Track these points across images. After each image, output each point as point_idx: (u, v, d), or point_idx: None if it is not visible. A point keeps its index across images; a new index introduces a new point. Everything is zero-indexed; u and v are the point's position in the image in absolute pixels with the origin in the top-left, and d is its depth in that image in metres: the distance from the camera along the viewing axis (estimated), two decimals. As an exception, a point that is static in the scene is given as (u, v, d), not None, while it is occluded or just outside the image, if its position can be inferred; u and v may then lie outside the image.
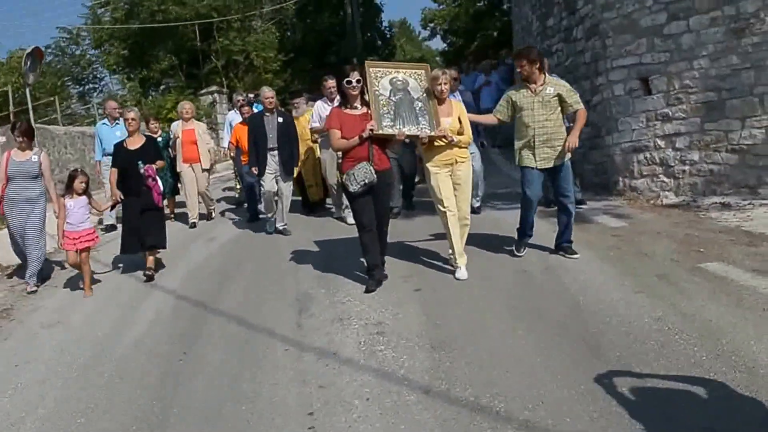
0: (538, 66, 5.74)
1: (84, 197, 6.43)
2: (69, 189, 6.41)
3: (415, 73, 5.77)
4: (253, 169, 7.95)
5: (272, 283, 6.05)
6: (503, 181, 10.41)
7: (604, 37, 8.82)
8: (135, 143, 6.89)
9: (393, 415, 3.33)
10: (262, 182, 8.02)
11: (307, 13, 27.27)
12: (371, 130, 5.29)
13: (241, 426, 3.38)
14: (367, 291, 5.38)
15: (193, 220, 9.39)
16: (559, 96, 5.73)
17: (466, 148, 5.78)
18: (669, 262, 5.49)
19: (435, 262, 6.07)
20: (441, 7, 28.41)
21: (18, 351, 4.92)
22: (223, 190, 12.70)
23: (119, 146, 7.01)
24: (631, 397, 3.25)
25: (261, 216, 8.76)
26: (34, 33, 60.71)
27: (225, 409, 3.59)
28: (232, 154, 10.03)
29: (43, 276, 6.95)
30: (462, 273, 5.59)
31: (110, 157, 9.13)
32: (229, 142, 9.87)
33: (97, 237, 6.64)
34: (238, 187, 10.80)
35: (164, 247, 6.94)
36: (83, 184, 6.41)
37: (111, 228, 9.24)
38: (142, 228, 6.65)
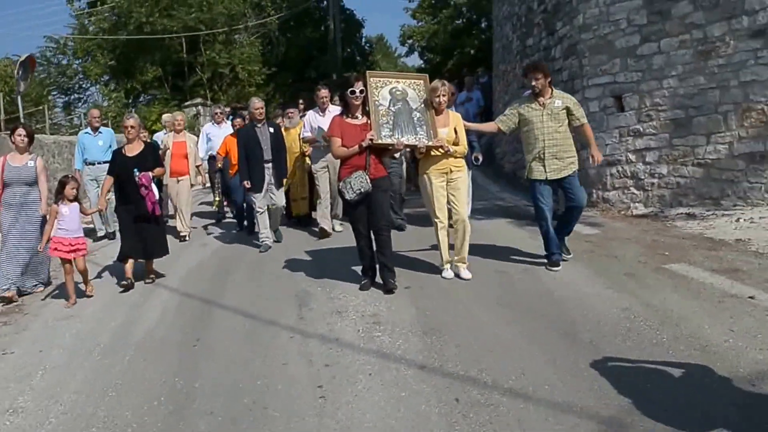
0: (549, 81, 5.99)
1: (76, 203, 6.49)
2: (60, 195, 6.42)
3: (414, 83, 6.00)
4: (246, 183, 7.90)
5: (270, 283, 6.41)
6: (481, 194, 10.89)
7: (581, 57, 9.35)
8: (133, 150, 6.86)
9: (394, 386, 3.76)
10: (254, 198, 7.97)
11: (289, 27, 27.58)
12: (371, 139, 5.57)
13: (259, 397, 3.78)
14: (362, 289, 5.75)
15: (183, 233, 9.16)
16: (567, 109, 5.95)
17: (461, 157, 6.03)
18: (636, 263, 6.01)
19: (423, 265, 6.47)
20: (420, 23, 28.72)
21: (39, 339, 5.24)
22: (200, 204, 12.72)
23: (117, 153, 7.07)
24: (601, 369, 3.73)
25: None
26: (19, 41, 60.44)
27: (242, 384, 3.98)
28: (219, 164, 9.75)
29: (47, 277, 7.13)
30: (448, 273, 6.00)
31: (91, 167, 9.29)
32: (217, 152, 9.69)
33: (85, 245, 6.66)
34: (217, 199, 10.74)
35: (167, 254, 7.07)
36: (74, 191, 6.45)
37: (103, 238, 9.38)
38: (147, 237, 6.75)
